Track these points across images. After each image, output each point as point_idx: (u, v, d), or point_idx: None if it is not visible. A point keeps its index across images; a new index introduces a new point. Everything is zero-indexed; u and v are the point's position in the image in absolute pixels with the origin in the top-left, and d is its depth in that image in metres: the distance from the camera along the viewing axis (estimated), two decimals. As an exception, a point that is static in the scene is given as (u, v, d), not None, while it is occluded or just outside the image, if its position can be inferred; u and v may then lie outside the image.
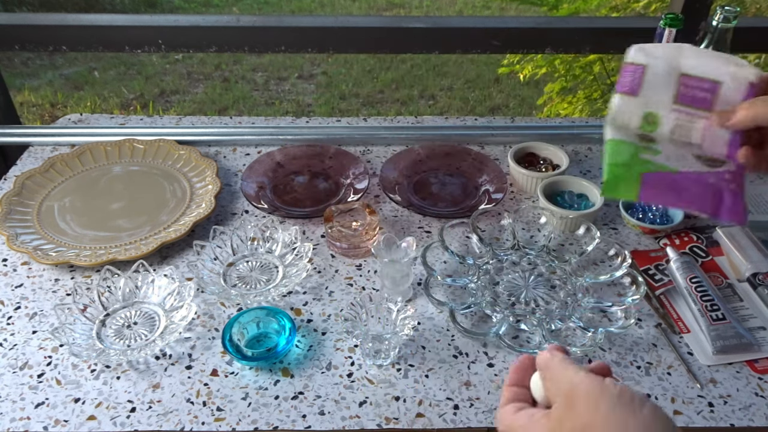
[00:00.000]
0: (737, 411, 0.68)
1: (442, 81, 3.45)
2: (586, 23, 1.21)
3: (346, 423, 0.66)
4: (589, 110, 2.32)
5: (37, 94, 3.20)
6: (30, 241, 0.88)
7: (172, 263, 0.87)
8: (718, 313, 0.77)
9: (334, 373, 0.72)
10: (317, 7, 4.32)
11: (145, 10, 4.21)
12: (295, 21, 1.13)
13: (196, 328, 0.77)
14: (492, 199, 0.97)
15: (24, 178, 0.99)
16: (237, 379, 0.71)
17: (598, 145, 1.13)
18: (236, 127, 1.15)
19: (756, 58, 2.18)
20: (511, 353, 0.74)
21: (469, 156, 1.07)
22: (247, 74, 3.49)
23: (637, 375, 0.72)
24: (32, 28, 1.11)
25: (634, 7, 2.36)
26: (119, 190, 1.00)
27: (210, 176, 1.00)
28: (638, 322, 0.78)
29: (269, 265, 0.86)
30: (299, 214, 0.95)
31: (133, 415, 0.67)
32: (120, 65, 3.53)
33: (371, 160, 1.09)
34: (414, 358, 0.74)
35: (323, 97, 3.28)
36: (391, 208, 0.98)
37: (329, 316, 0.79)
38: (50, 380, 0.71)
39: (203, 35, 1.11)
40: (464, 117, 1.21)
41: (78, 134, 1.12)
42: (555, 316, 0.77)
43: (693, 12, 1.07)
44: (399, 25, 1.14)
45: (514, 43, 1.16)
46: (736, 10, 0.85)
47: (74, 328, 0.74)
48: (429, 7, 4.40)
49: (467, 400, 0.69)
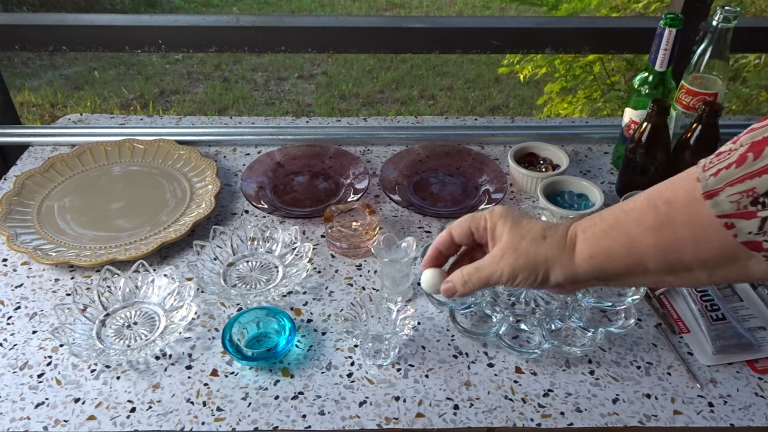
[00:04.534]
0: (737, 411, 0.68)
1: (442, 81, 3.45)
2: (586, 23, 1.21)
3: (346, 423, 0.66)
4: (589, 110, 2.32)
5: (37, 94, 3.20)
6: (30, 241, 0.88)
7: (172, 263, 0.87)
8: (718, 313, 0.77)
9: (334, 373, 0.72)
10: (317, 7, 4.32)
11: (145, 10, 4.21)
12: (295, 21, 1.13)
13: (196, 328, 0.77)
14: (492, 199, 0.97)
15: (24, 178, 0.99)
16: (237, 379, 0.71)
17: (598, 145, 1.13)
18: (236, 127, 1.15)
19: (756, 58, 2.18)
20: (511, 353, 0.74)
21: (469, 156, 1.07)
22: (247, 74, 3.49)
23: (637, 375, 0.72)
24: (32, 28, 1.11)
25: (634, 7, 2.36)
26: (119, 190, 1.00)
27: (210, 176, 1.00)
28: (638, 322, 0.78)
29: (269, 265, 0.86)
30: (299, 214, 0.95)
31: (133, 415, 0.67)
32: (120, 65, 3.54)
33: (371, 160, 1.09)
34: (414, 358, 0.74)
35: (323, 97, 3.28)
36: (391, 208, 0.98)
37: (329, 316, 0.79)
38: (50, 380, 0.71)
39: (203, 35, 1.11)
40: (464, 117, 1.21)
41: (78, 134, 1.12)
42: (555, 316, 0.77)
43: (693, 12, 1.07)
44: (399, 25, 1.14)
45: (514, 43, 1.16)
46: (736, 10, 0.85)
47: (74, 328, 0.74)
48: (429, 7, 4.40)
49: (467, 400, 0.69)
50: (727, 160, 0.41)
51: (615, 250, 0.49)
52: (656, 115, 0.89)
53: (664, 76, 0.95)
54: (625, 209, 0.49)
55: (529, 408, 0.68)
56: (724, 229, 0.41)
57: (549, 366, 0.73)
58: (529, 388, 0.70)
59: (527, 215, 0.57)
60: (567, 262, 0.52)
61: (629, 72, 2.30)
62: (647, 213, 0.46)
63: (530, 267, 0.53)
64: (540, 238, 0.53)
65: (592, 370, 0.72)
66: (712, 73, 0.91)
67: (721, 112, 0.88)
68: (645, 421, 0.67)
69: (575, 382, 0.71)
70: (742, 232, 0.40)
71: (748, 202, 0.39)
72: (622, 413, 0.68)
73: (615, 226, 0.49)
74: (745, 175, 0.39)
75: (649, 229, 0.46)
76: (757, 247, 0.40)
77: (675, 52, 0.92)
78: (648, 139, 0.91)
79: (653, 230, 0.46)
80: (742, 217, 0.40)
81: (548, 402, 0.69)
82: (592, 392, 0.70)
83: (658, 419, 0.67)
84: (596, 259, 0.50)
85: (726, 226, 0.41)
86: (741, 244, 0.41)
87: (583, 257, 0.51)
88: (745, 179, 0.39)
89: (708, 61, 0.90)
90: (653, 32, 0.92)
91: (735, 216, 0.40)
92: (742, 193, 0.39)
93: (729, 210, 0.40)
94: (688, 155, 0.90)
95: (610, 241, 0.49)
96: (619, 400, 0.69)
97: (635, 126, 0.97)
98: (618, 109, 2.24)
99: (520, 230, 0.55)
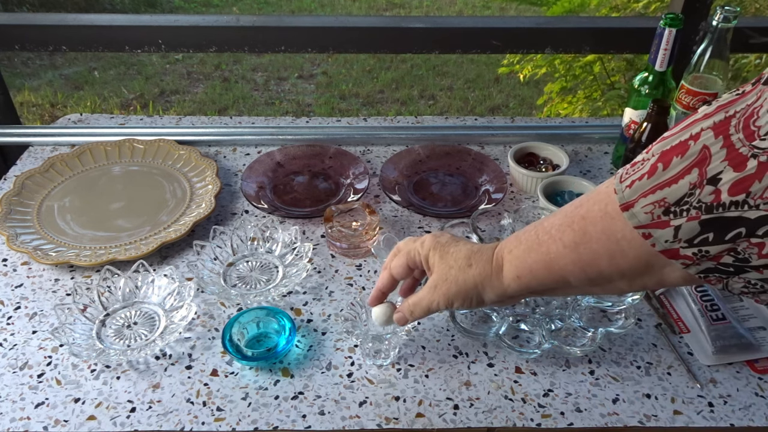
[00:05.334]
0: (737, 411, 0.68)
1: (442, 81, 3.45)
2: (586, 23, 1.21)
3: (346, 423, 0.66)
4: (589, 110, 2.32)
5: (37, 94, 3.20)
6: (30, 241, 0.88)
7: (172, 263, 0.87)
8: (718, 313, 0.77)
9: (334, 373, 0.72)
10: (317, 7, 4.32)
11: (145, 10, 4.21)
12: (295, 21, 1.13)
13: (196, 328, 0.77)
14: (492, 199, 0.97)
15: (24, 178, 0.99)
16: (237, 379, 0.71)
17: (598, 145, 1.13)
18: (236, 127, 1.15)
19: (756, 58, 2.18)
20: (510, 353, 0.74)
21: (469, 156, 1.07)
22: (247, 74, 3.49)
23: (637, 375, 0.72)
24: (32, 28, 1.11)
25: (634, 7, 2.36)
26: (119, 190, 1.00)
27: (210, 176, 1.00)
28: (638, 322, 0.78)
29: (269, 265, 0.86)
30: (299, 214, 0.95)
31: (133, 415, 0.67)
32: (120, 65, 3.54)
33: (371, 160, 1.09)
34: (414, 358, 0.74)
35: (323, 97, 3.28)
36: (391, 208, 0.98)
37: (329, 316, 0.79)
38: (50, 380, 0.71)
39: (203, 35, 1.11)
40: (464, 117, 1.21)
41: (78, 134, 1.12)
42: (555, 316, 0.77)
43: (693, 12, 1.07)
44: (399, 25, 1.14)
45: (514, 43, 1.16)
46: (736, 10, 0.85)
47: (74, 328, 0.74)
48: (429, 7, 4.41)
49: (467, 400, 0.69)
50: (640, 170, 0.41)
51: (537, 269, 0.51)
52: (656, 115, 0.90)
53: (664, 76, 0.95)
54: (545, 228, 0.51)
55: (529, 408, 0.68)
56: (641, 239, 0.41)
57: (549, 366, 0.73)
58: (529, 388, 0.70)
59: (454, 242, 0.60)
60: (497, 284, 0.56)
61: (629, 72, 2.30)
62: (564, 231, 0.48)
63: (462, 293, 0.57)
64: (466, 267, 0.57)
65: (592, 370, 0.72)
66: (712, 73, 0.91)
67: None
68: (645, 421, 0.67)
69: (575, 382, 0.71)
70: (659, 241, 0.40)
71: (660, 212, 0.39)
72: (622, 413, 0.68)
73: (535, 247, 0.51)
74: (656, 185, 0.40)
75: (566, 247, 0.48)
76: (674, 255, 0.40)
77: (675, 52, 0.92)
78: (648, 139, 0.91)
79: (570, 248, 0.47)
80: (658, 227, 0.40)
81: (548, 402, 0.69)
82: (592, 392, 0.70)
83: (658, 419, 0.67)
84: (523, 278, 0.53)
85: (644, 236, 0.41)
86: (659, 253, 0.41)
87: (511, 278, 0.54)
88: (656, 189, 0.40)
89: (708, 61, 0.90)
90: (653, 32, 0.92)
91: (651, 226, 0.40)
92: (655, 204, 0.40)
93: (644, 221, 0.41)
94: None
95: (531, 261, 0.52)
96: (619, 400, 0.69)
97: (635, 126, 0.97)
98: (618, 109, 2.24)
99: (447, 260, 0.59)
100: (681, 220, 0.38)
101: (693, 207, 0.38)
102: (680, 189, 0.38)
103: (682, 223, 0.38)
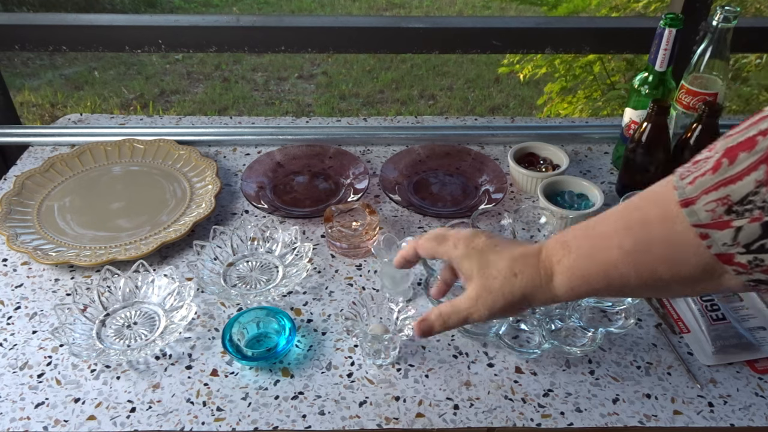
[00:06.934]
0: (737, 411, 0.68)
1: (442, 81, 3.45)
2: (586, 23, 1.21)
3: (346, 423, 0.66)
4: (589, 110, 2.32)
5: (37, 94, 3.20)
6: (30, 241, 0.88)
7: (172, 263, 0.87)
8: (718, 313, 0.77)
9: (334, 373, 0.72)
10: (317, 7, 4.32)
11: (145, 10, 4.21)
12: (295, 21, 1.13)
13: (196, 328, 0.77)
14: (492, 199, 0.97)
15: (24, 178, 0.99)
16: (237, 379, 0.71)
17: (598, 145, 1.13)
18: (236, 127, 1.15)
19: (757, 58, 2.18)
20: (511, 353, 0.74)
21: (469, 156, 1.07)
22: (247, 74, 3.49)
23: (637, 375, 0.72)
24: (32, 28, 1.11)
25: (634, 7, 2.36)
26: (119, 190, 1.00)
27: (210, 176, 1.00)
28: (638, 322, 0.78)
29: (269, 265, 0.86)
30: (299, 214, 0.95)
31: (133, 415, 0.67)
32: (120, 65, 3.54)
33: (371, 160, 1.09)
34: (414, 358, 0.74)
35: (323, 97, 3.28)
36: (391, 208, 0.98)
37: (329, 316, 0.79)
38: (50, 380, 0.71)
39: (203, 35, 1.11)
40: (464, 117, 1.21)
41: (78, 134, 1.12)
42: (555, 316, 0.77)
43: (693, 12, 1.07)
44: (399, 25, 1.14)
45: (514, 43, 1.16)
46: (736, 10, 0.85)
47: (74, 328, 0.74)
48: (429, 7, 4.40)
49: (467, 400, 0.69)
50: (703, 167, 0.40)
51: (593, 277, 0.49)
52: (656, 115, 0.89)
53: (664, 76, 0.95)
54: (600, 233, 0.48)
55: (529, 408, 0.68)
56: (698, 239, 0.40)
57: (549, 366, 0.73)
58: (529, 388, 0.70)
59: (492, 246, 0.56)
60: (547, 294, 0.52)
61: (629, 72, 2.30)
62: (623, 237, 0.46)
63: (508, 305, 0.54)
64: (511, 276, 0.53)
65: (592, 370, 0.72)
66: (712, 73, 0.91)
67: (721, 112, 0.88)
68: (645, 421, 0.67)
69: (575, 382, 0.71)
70: (716, 244, 0.39)
71: (723, 211, 0.38)
72: (622, 413, 0.68)
73: (591, 254, 0.49)
74: (720, 182, 0.38)
75: (627, 254, 0.46)
76: (729, 260, 0.39)
77: (675, 52, 0.92)
78: (648, 139, 0.91)
79: (631, 255, 0.45)
80: (717, 228, 0.39)
81: (548, 402, 0.69)
82: (592, 392, 0.70)
83: (658, 419, 0.67)
84: (576, 288, 0.51)
85: (701, 236, 0.40)
86: (715, 256, 0.40)
87: (564, 289, 0.51)
88: (719, 186, 0.38)
89: (708, 61, 0.90)
90: (653, 32, 0.92)
91: (710, 226, 0.39)
92: (717, 201, 0.38)
93: (705, 219, 0.39)
94: (688, 155, 0.90)
95: (586, 269, 0.49)
96: (619, 400, 0.69)
97: (635, 126, 0.97)
98: (618, 109, 2.24)
99: (489, 270, 0.55)
100: (743, 221, 0.37)
101: (757, 207, 0.36)
102: (745, 186, 0.37)
103: (743, 224, 0.37)
